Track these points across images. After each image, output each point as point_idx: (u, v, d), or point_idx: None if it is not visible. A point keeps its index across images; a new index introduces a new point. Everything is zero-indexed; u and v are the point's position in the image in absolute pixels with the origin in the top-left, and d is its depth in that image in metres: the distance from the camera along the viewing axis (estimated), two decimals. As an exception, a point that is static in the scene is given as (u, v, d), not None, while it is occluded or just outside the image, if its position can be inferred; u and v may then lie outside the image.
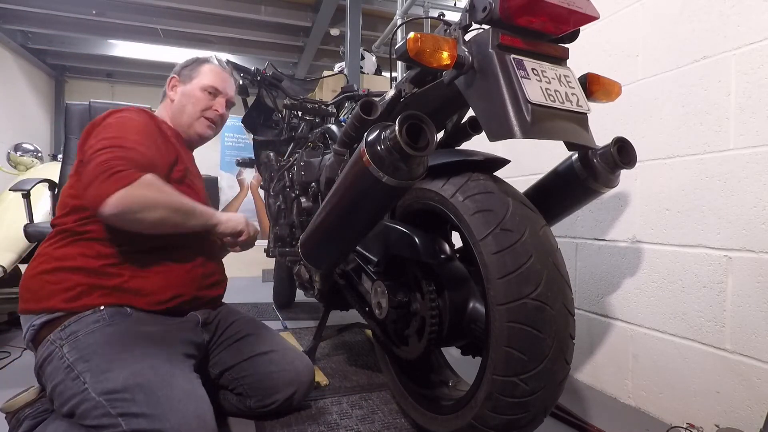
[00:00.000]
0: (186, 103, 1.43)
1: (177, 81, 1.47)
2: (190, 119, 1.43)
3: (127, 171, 1.09)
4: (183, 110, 1.43)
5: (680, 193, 1.43)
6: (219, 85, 1.46)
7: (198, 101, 1.43)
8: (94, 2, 5.98)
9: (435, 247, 1.10)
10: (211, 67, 1.47)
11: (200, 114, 1.44)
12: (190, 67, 1.47)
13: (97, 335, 1.08)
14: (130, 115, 1.27)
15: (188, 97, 1.43)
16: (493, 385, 0.91)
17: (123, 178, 1.07)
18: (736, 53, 1.30)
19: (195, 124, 1.44)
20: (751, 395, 1.23)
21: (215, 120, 1.47)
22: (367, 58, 4.99)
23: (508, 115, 0.86)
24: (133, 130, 1.21)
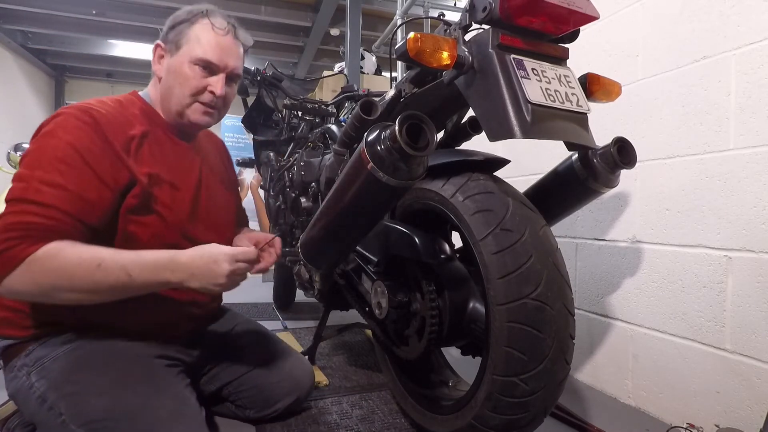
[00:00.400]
0: (173, 84, 1.07)
1: (163, 50, 1.10)
2: (180, 105, 1.08)
3: (16, 247, 0.82)
4: (170, 93, 1.08)
5: (680, 193, 1.43)
6: (215, 56, 1.07)
7: (186, 81, 1.06)
8: (94, 2, 5.99)
9: (435, 247, 1.10)
10: (204, 28, 1.07)
11: (191, 99, 1.08)
12: (177, 30, 1.08)
13: (64, 361, 0.96)
14: (60, 129, 0.93)
15: (175, 75, 1.07)
16: (493, 385, 0.91)
17: (10, 259, 0.82)
18: (736, 53, 1.30)
19: (186, 112, 1.09)
20: (751, 395, 1.23)
21: (213, 104, 1.11)
22: (367, 58, 4.99)
23: (508, 115, 0.86)
24: (51, 159, 0.89)
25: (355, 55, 4.90)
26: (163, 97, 1.11)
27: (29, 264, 0.83)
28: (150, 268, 0.88)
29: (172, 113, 1.10)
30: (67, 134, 0.92)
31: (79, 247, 0.86)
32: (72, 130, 0.92)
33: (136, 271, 0.87)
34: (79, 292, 0.87)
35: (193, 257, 0.90)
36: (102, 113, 0.97)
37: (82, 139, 0.92)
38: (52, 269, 0.83)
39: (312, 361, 1.77)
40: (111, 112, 0.99)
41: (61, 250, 0.84)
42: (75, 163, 0.90)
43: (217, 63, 1.08)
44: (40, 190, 0.86)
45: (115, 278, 0.86)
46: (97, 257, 0.85)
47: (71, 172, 0.90)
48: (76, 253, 0.85)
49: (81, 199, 0.90)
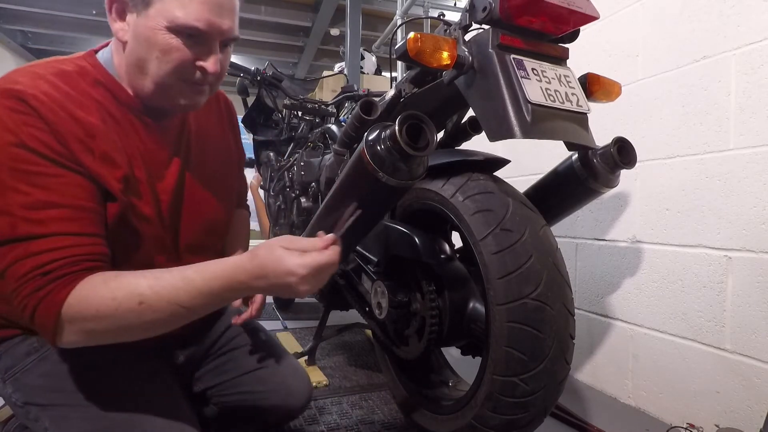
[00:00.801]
0: (145, 56, 0.76)
1: (124, 3, 0.77)
2: (159, 86, 0.79)
3: (41, 303, 0.67)
4: (143, 66, 0.77)
5: (680, 193, 1.43)
6: (203, 20, 0.75)
7: (166, 55, 0.75)
8: (94, 2, 5.99)
9: (435, 247, 1.10)
10: None
11: (174, 78, 0.78)
12: None
13: (34, 375, 0.85)
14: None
15: (148, 45, 0.75)
16: (493, 385, 0.91)
17: (45, 319, 0.67)
18: (736, 53, 1.30)
19: (169, 94, 0.80)
20: (751, 395, 1.23)
21: (204, 81, 0.81)
22: (367, 58, 5.00)
23: (508, 115, 0.86)
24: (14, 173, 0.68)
25: (355, 55, 4.91)
26: (131, 69, 0.79)
27: (67, 315, 0.67)
28: (205, 298, 0.71)
29: (145, 91, 0.80)
30: (7, 133, 0.68)
31: (111, 281, 0.69)
32: (11, 126, 0.68)
33: (190, 302, 0.70)
34: (136, 331, 0.71)
35: (256, 276, 0.70)
36: (39, 97, 0.70)
37: (29, 135, 0.69)
38: (92, 317, 0.68)
39: (312, 361, 1.77)
40: (52, 94, 0.72)
41: (93, 290, 0.68)
42: (44, 168, 0.69)
43: (207, 30, 0.75)
44: (29, 219, 0.68)
45: (167, 313, 0.70)
46: (136, 293, 0.68)
47: (50, 181, 0.69)
48: (111, 293, 0.67)
49: (82, 210, 0.72)
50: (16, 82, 0.71)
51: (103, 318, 0.68)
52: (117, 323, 0.69)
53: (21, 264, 0.67)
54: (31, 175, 0.69)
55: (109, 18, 0.79)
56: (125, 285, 0.68)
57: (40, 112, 0.70)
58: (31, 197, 0.68)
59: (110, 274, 0.70)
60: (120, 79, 0.82)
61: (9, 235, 0.68)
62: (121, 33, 0.78)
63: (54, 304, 0.67)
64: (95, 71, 0.80)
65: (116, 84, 0.81)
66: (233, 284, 0.71)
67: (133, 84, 0.81)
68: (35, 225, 0.68)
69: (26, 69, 0.75)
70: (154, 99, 0.81)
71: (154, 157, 0.85)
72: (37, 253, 0.67)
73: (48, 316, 0.67)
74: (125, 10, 0.77)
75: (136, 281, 0.69)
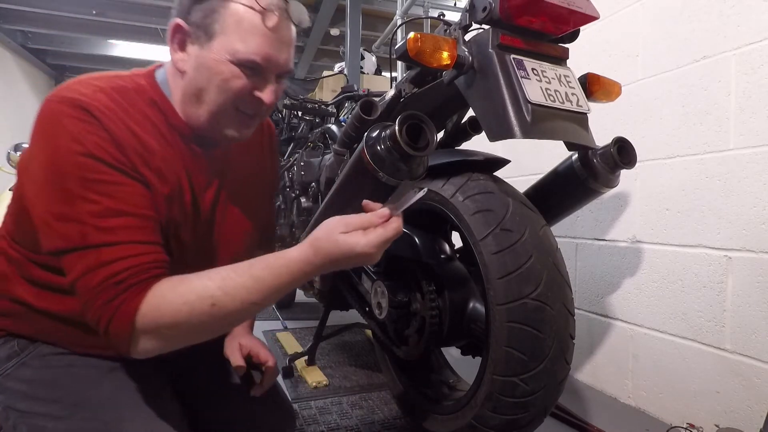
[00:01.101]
0: (206, 85, 0.78)
1: (185, 33, 0.79)
2: (215, 114, 0.80)
3: (116, 313, 0.67)
4: (201, 95, 0.79)
5: (680, 193, 1.43)
6: (262, 55, 0.77)
7: (226, 83, 0.77)
8: (94, 2, 5.99)
9: (435, 247, 1.11)
10: (245, 8, 0.76)
11: (230, 107, 0.80)
12: (206, 7, 0.76)
13: (14, 380, 0.83)
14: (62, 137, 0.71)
15: (209, 74, 0.77)
16: (493, 385, 0.91)
17: (120, 329, 0.68)
18: (736, 53, 1.30)
19: (222, 122, 0.81)
20: (751, 395, 1.23)
21: (257, 113, 0.83)
22: (367, 58, 5.00)
23: (508, 115, 0.86)
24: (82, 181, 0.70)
25: (355, 55, 4.91)
26: (187, 98, 0.81)
27: (141, 325, 0.68)
28: (276, 291, 0.72)
29: (199, 121, 0.82)
30: (73, 142, 0.70)
31: (179, 286, 0.70)
32: (76, 135, 0.70)
33: (260, 299, 0.71)
34: (208, 331, 0.73)
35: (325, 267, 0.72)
36: (101, 109, 0.73)
37: (95, 144, 0.71)
38: (166, 324, 0.69)
39: (312, 361, 1.77)
40: (112, 107, 0.74)
41: (163, 297, 0.69)
42: (110, 176, 0.71)
43: (264, 64, 0.77)
44: (99, 227, 0.69)
45: (239, 310, 0.71)
46: (207, 296, 0.69)
47: (117, 189, 0.71)
48: (182, 298, 0.68)
49: (147, 219, 0.73)
50: (79, 93, 0.73)
51: (177, 324, 0.69)
52: (191, 327, 0.70)
53: (93, 274, 0.68)
54: (99, 183, 0.70)
55: (170, 47, 0.81)
56: (194, 289, 0.69)
57: (103, 123, 0.72)
58: (100, 205, 0.70)
59: (176, 280, 0.71)
60: (176, 106, 0.83)
61: (79, 243, 0.69)
62: (180, 63, 0.80)
63: (128, 314, 0.67)
64: (152, 91, 0.82)
65: (170, 107, 0.83)
66: (302, 276, 0.73)
67: (187, 112, 0.82)
68: (105, 233, 0.69)
69: (87, 81, 0.77)
70: (204, 128, 0.83)
71: (197, 182, 0.86)
72: (108, 262, 0.68)
73: (123, 327, 0.68)
74: (186, 42, 0.79)
75: (204, 284, 0.70)
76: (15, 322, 0.85)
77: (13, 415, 0.82)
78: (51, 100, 0.73)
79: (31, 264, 0.81)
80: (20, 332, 0.85)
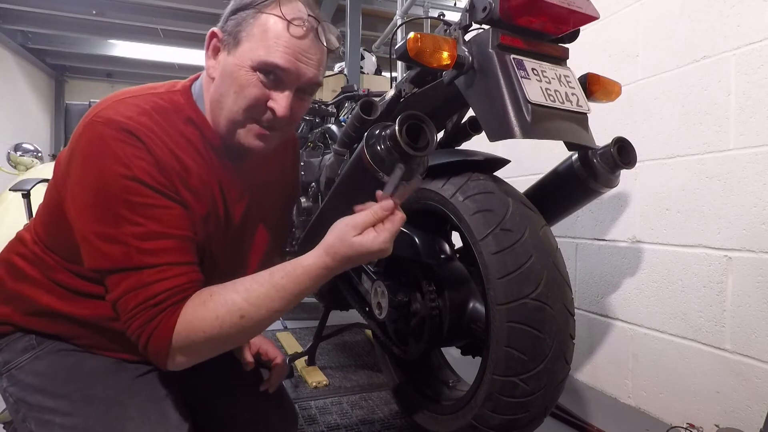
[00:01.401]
0: (226, 91, 0.79)
1: (219, 41, 0.80)
2: (230, 120, 0.80)
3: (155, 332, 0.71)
4: (222, 101, 0.80)
5: (680, 193, 1.43)
6: (284, 60, 0.76)
7: (242, 90, 0.77)
8: (94, 2, 5.98)
9: (435, 247, 1.11)
10: (274, 20, 0.76)
11: (244, 115, 0.79)
12: (239, 18, 0.78)
13: (27, 373, 0.85)
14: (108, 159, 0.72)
15: (230, 80, 0.78)
16: (493, 385, 0.91)
17: (158, 347, 0.71)
18: (736, 53, 1.30)
19: (237, 131, 0.81)
20: (751, 395, 1.23)
21: (272, 125, 0.81)
22: (367, 58, 5.00)
23: (508, 115, 0.86)
24: (128, 204, 0.72)
25: (355, 55, 4.90)
26: (213, 104, 0.82)
27: (177, 343, 0.71)
28: (297, 297, 0.76)
29: (221, 128, 0.82)
30: (119, 166, 0.72)
31: (209, 302, 0.73)
32: (123, 159, 0.72)
33: (283, 306, 0.74)
34: (237, 341, 0.79)
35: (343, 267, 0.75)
36: (146, 132, 0.75)
37: (140, 168, 0.73)
38: (201, 340, 0.72)
39: (312, 361, 1.77)
40: (155, 129, 0.76)
41: (195, 314, 0.72)
42: (154, 200, 0.74)
43: (286, 70, 0.77)
44: (142, 249, 0.72)
45: (265, 318, 0.75)
46: (235, 309, 0.72)
47: (160, 213, 0.74)
48: (213, 314, 0.71)
49: (186, 240, 0.76)
50: (125, 116, 0.75)
51: (210, 338, 0.72)
52: (222, 339, 0.73)
53: (133, 295, 0.71)
54: (144, 207, 0.73)
55: (206, 56, 0.83)
56: (223, 303, 0.72)
57: (148, 146, 0.74)
58: (144, 228, 0.72)
59: (205, 294, 0.74)
60: (207, 115, 0.85)
61: (124, 264, 0.72)
62: (211, 70, 0.82)
63: (165, 334, 0.71)
64: (188, 108, 0.83)
65: (206, 123, 0.84)
66: (321, 281, 0.76)
67: (214, 120, 0.83)
68: (148, 255, 0.72)
69: (127, 101, 0.78)
70: (227, 137, 0.83)
71: (229, 195, 0.88)
72: (149, 283, 0.71)
73: (161, 346, 0.71)
74: (219, 49, 0.81)
75: (231, 298, 0.73)
76: (34, 321, 0.87)
77: (23, 408, 0.84)
78: (96, 122, 0.74)
79: (65, 272, 0.83)
80: (39, 330, 0.87)
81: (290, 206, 1.13)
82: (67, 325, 0.86)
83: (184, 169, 0.78)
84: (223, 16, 0.81)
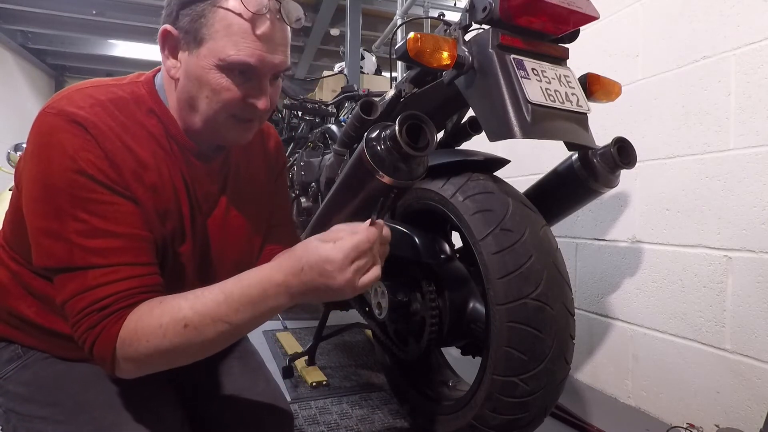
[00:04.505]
0: (196, 94, 0.76)
1: (175, 39, 0.75)
2: (208, 123, 0.78)
3: (98, 338, 0.67)
4: (193, 104, 0.77)
5: (680, 193, 1.43)
6: (255, 56, 0.73)
7: (217, 94, 0.74)
8: (94, 2, 5.99)
9: (435, 247, 1.11)
10: (234, 10, 0.71)
11: (225, 115, 0.77)
12: (194, 12, 0.73)
13: (15, 383, 0.83)
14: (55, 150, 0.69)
15: (199, 83, 0.75)
16: (493, 385, 0.91)
17: (102, 354, 0.68)
18: (736, 53, 1.29)
19: (219, 131, 0.79)
20: (751, 395, 1.23)
21: (254, 117, 0.80)
22: (367, 58, 5.00)
23: (508, 115, 0.86)
24: (72, 199, 0.68)
25: (355, 55, 4.91)
26: (182, 105, 0.79)
27: (121, 349, 0.67)
28: (246, 307, 0.69)
29: (195, 128, 0.79)
30: (66, 158, 0.68)
31: (156, 309, 0.69)
32: (69, 151, 0.69)
33: (233, 316, 0.68)
34: (187, 354, 0.71)
35: (292, 272, 0.68)
36: (98, 125, 0.71)
37: (87, 161, 0.69)
38: (144, 348, 0.67)
39: (312, 361, 1.77)
40: (109, 122, 0.73)
41: (140, 321, 0.68)
42: (101, 195, 0.70)
43: (258, 66, 0.73)
44: (86, 247, 0.68)
45: (214, 332, 0.68)
46: (180, 317, 0.67)
47: (105, 209, 0.70)
48: (157, 321, 0.67)
49: (136, 238, 0.72)
50: (77, 107, 0.71)
51: (156, 349, 0.67)
52: (168, 350, 0.68)
53: (80, 298, 0.68)
54: (89, 202, 0.69)
55: (162, 55, 0.78)
56: (169, 310, 0.68)
57: (98, 140, 0.70)
58: (89, 225, 0.69)
59: (155, 301, 0.70)
60: (173, 112, 0.81)
61: (68, 263, 0.68)
62: (173, 71, 0.77)
63: (108, 340, 0.67)
64: (151, 100, 0.80)
65: (169, 116, 0.80)
66: (271, 287, 0.68)
67: (183, 119, 0.80)
68: (94, 255, 0.68)
69: (85, 92, 0.74)
70: (202, 134, 0.81)
71: (195, 192, 0.84)
72: (95, 286, 0.68)
73: (105, 352, 0.68)
74: (178, 48, 0.76)
75: (178, 304, 0.68)
76: (17, 333, 0.85)
77: (14, 418, 0.81)
78: (48, 112, 0.71)
79: (31, 274, 0.80)
80: (23, 342, 0.85)
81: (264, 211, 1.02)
82: (50, 339, 0.83)
83: (138, 164, 0.74)
84: (167, 10, 0.75)
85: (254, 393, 1.00)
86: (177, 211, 0.80)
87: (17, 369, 0.84)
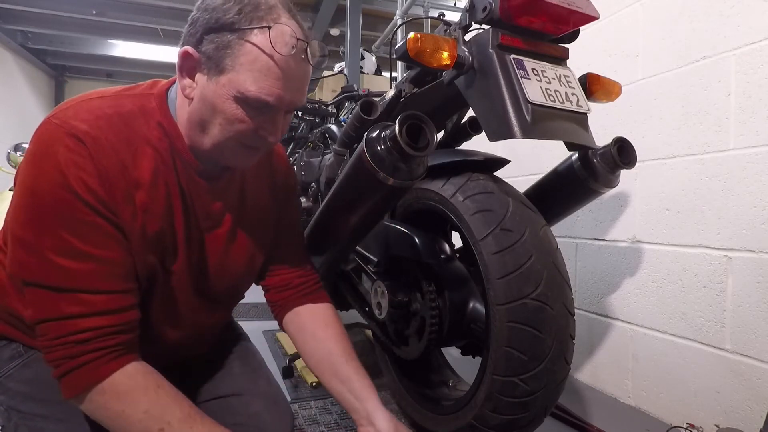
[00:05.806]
0: (209, 119, 0.76)
1: (195, 61, 0.74)
2: (215, 147, 0.78)
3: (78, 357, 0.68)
4: (204, 127, 0.77)
5: (680, 193, 1.43)
6: (274, 95, 0.73)
7: (230, 124, 0.75)
8: (94, 2, 5.99)
9: (435, 247, 1.11)
10: (263, 48, 0.71)
11: (234, 143, 0.77)
12: (221, 40, 0.72)
13: (16, 381, 0.84)
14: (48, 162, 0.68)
15: (213, 110, 0.75)
16: (493, 385, 0.91)
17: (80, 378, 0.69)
18: (736, 53, 1.29)
19: (224, 154, 0.79)
20: (751, 395, 1.23)
21: (263, 145, 0.81)
22: (367, 58, 5.00)
23: (508, 115, 0.86)
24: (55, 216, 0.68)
25: (355, 55, 4.91)
26: (192, 125, 0.78)
27: (94, 395, 0.69)
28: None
29: (202, 148, 0.79)
30: (56, 172, 0.67)
31: (150, 392, 0.71)
32: (62, 166, 0.67)
33: None
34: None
35: None
36: (97, 141, 0.70)
37: (78, 179, 0.68)
38: (115, 413, 0.69)
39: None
40: (110, 138, 0.72)
41: (130, 393, 0.69)
42: (84, 216, 0.69)
43: (275, 104, 0.74)
44: (60, 266, 0.67)
45: None
46: (163, 421, 0.69)
47: (87, 230, 0.69)
48: (142, 408, 0.69)
49: (112, 263, 0.72)
50: (80, 119, 0.71)
51: (123, 420, 0.69)
52: (123, 429, 0.70)
53: (55, 324, 0.68)
54: (72, 220, 0.68)
55: (178, 74, 0.77)
56: (161, 407, 0.70)
57: (94, 156, 0.69)
58: (66, 243, 0.68)
59: (152, 382, 0.72)
60: (181, 128, 0.81)
61: (38, 279, 0.68)
62: (188, 90, 0.77)
63: (86, 379, 0.68)
64: (160, 114, 0.79)
65: (176, 131, 0.80)
66: None
67: (191, 137, 0.80)
68: (63, 275, 0.68)
69: (92, 103, 0.75)
70: (208, 155, 0.81)
71: (196, 208, 0.84)
72: (71, 316, 0.68)
73: (76, 386, 0.69)
74: (196, 70, 0.76)
75: (171, 409, 0.70)
76: (18, 332, 0.86)
77: (15, 416, 0.82)
78: (51, 121, 0.71)
79: None
80: (24, 341, 0.86)
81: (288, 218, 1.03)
82: None
83: (132, 183, 0.73)
84: (191, 31, 0.75)
85: (255, 393, 1.01)
86: (169, 229, 0.79)
87: (18, 367, 0.85)
